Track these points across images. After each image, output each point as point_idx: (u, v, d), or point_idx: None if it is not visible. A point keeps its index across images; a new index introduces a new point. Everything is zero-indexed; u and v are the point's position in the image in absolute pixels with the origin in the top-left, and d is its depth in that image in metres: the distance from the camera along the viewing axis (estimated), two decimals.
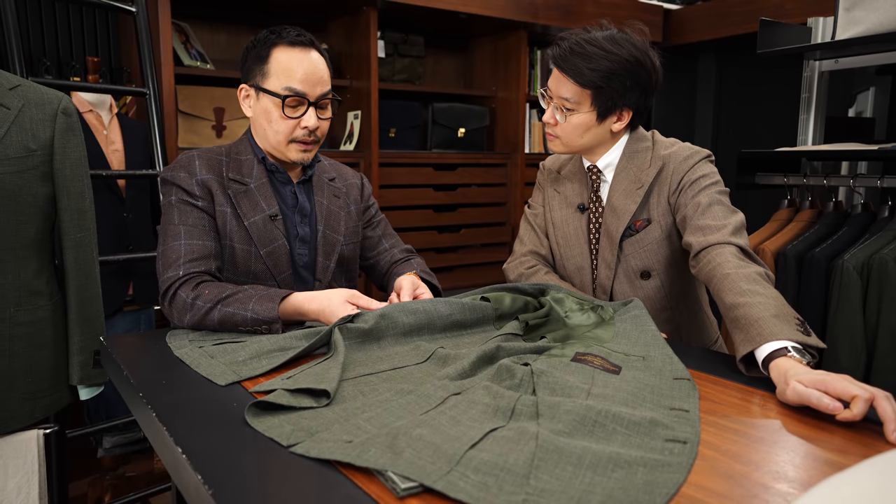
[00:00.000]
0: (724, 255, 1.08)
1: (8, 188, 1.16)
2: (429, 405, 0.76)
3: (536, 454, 0.62)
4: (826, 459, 0.67)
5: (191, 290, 1.12)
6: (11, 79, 1.21)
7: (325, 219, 1.31)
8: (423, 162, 2.72)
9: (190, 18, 2.44)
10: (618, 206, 1.29)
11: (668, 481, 0.60)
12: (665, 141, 1.33)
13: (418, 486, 0.59)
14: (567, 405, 0.73)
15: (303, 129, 1.20)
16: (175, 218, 1.19)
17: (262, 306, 1.08)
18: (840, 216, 1.90)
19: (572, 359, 0.93)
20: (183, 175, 1.20)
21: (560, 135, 1.28)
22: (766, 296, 0.97)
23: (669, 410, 0.77)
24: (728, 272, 1.04)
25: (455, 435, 0.66)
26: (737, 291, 0.99)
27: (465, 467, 0.60)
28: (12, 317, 1.20)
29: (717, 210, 1.17)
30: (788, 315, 0.93)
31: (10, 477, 1.15)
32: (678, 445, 0.68)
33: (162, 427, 0.73)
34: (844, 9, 1.78)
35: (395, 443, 0.65)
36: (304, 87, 1.18)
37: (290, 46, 1.19)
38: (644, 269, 1.29)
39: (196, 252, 1.16)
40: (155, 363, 0.98)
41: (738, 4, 2.92)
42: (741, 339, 0.93)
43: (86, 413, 1.96)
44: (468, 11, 2.57)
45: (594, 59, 1.19)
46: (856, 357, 1.62)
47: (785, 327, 0.89)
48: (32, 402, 1.25)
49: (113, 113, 1.99)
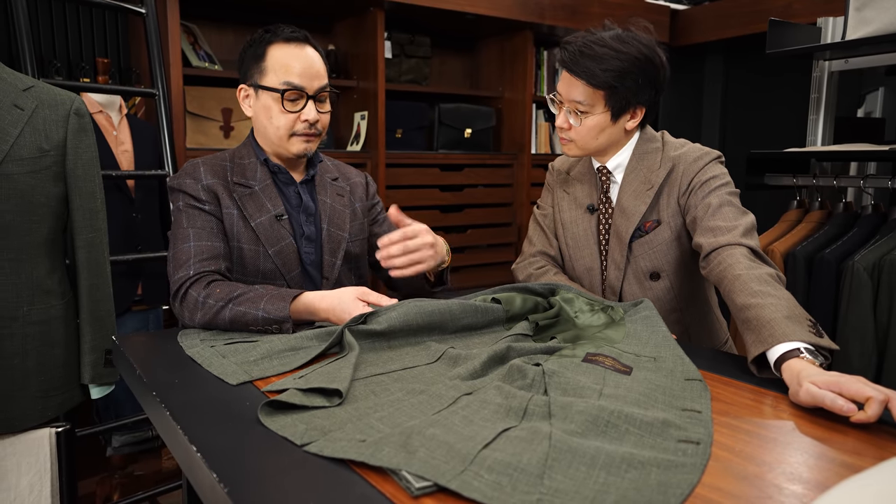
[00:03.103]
0: (735, 256, 1.08)
1: (21, 188, 1.16)
2: (441, 405, 0.76)
3: (550, 454, 0.62)
4: (841, 461, 0.67)
5: (202, 289, 1.13)
6: (25, 80, 1.21)
7: (330, 217, 1.32)
8: (429, 162, 2.72)
9: (198, 20, 2.45)
10: (627, 207, 1.29)
11: (682, 482, 0.60)
12: (675, 142, 1.33)
13: (432, 486, 0.59)
14: (579, 405, 0.73)
15: (303, 122, 1.23)
16: (184, 222, 1.21)
17: (274, 305, 1.08)
18: (850, 217, 1.89)
19: (583, 359, 0.93)
20: (189, 181, 1.23)
21: (575, 138, 1.27)
22: (778, 297, 0.96)
23: (682, 411, 0.77)
24: (739, 273, 1.03)
25: (468, 434, 0.66)
26: (748, 292, 0.99)
27: (479, 467, 0.60)
28: (25, 316, 1.21)
29: (728, 211, 1.17)
30: (801, 316, 0.92)
31: (22, 474, 1.16)
32: (691, 446, 0.68)
33: (176, 426, 0.74)
34: (855, 8, 1.77)
35: (408, 442, 0.65)
36: (301, 80, 1.21)
37: (285, 43, 1.22)
38: (653, 270, 1.29)
39: (206, 252, 1.18)
40: (167, 362, 0.98)
41: (745, 4, 2.91)
42: (753, 340, 0.93)
43: (95, 412, 1.98)
44: (475, 12, 2.58)
45: (605, 59, 1.19)
46: (867, 358, 1.61)
47: (797, 328, 0.89)
48: (45, 400, 1.26)
49: (123, 114, 2.00)
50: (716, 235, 1.14)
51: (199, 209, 1.22)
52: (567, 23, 2.82)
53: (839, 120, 2.17)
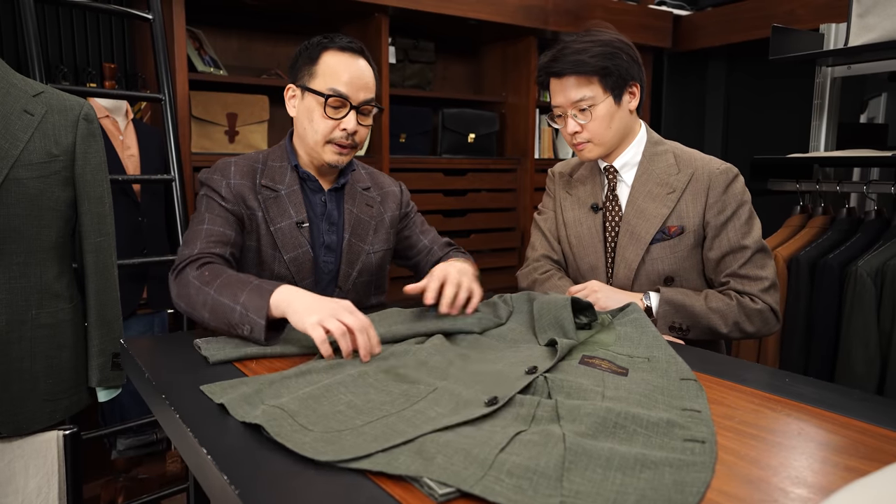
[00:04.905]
0: (746, 299, 1.26)
1: (30, 193, 1.17)
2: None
3: (566, 457, 0.63)
4: (845, 465, 0.67)
5: (195, 269, 1.13)
6: (35, 86, 1.23)
7: (353, 227, 1.32)
8: (432, 167, 2.73)
9: (203, 25, 2.47)
10: (646, 209, 1.30)
11: (697, 480, 0.61)
12: (683, 147, 1.36)
13: (455, 492, 0.59)
14: (587, 408, 0.74)
15: (342, 130, 1.23)
16: (202, 207, 1.25)
17: (253, 302, 1.01)
18: (853, 222, 1.90)
19: (579, 361, 0.95)
20: (216, 177, 1.26)
21: (590, 137, 1.29)
22: (714, 306, 1.25)
23: (682, 411, 0.78)
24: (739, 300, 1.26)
25: (482, 439, 0.67)
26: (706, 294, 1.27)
27: (499, 471, 0.61)
28: (34, 319, 1.22)
29: (758, 259, 1.28)
30: (688, 316, 1.24)
31: (30, 477, 1.17)
32: (698, 445, 0.69)
33: (186, 428, 0.74)
34: (857, 15, 1.78)
35: (423, 449, 0.66)
36: (348, 89, 1.22)
37: (339, 51, 1.23)
38: (669, 275, 1.30)
39: (214, 236, 1.20)
40: (175, 365, 0.99)
41: (747, 10, 2.92)
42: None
43: (100, 415, 1.98)
44: (478, 17, 2.59)
45: (586, 49, 1.24)
46: (870, 364, 1.61)
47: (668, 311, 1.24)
48: (53, 403, 1.27)
49: (129, 119, 2.02)
50: (744, 285, 1.27)
51: (219, 203, 1.25)
52: (570, 28, 2.83)
53: (842, 125, 2.17)
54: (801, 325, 1.80)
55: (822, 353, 1.75)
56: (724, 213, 1.27)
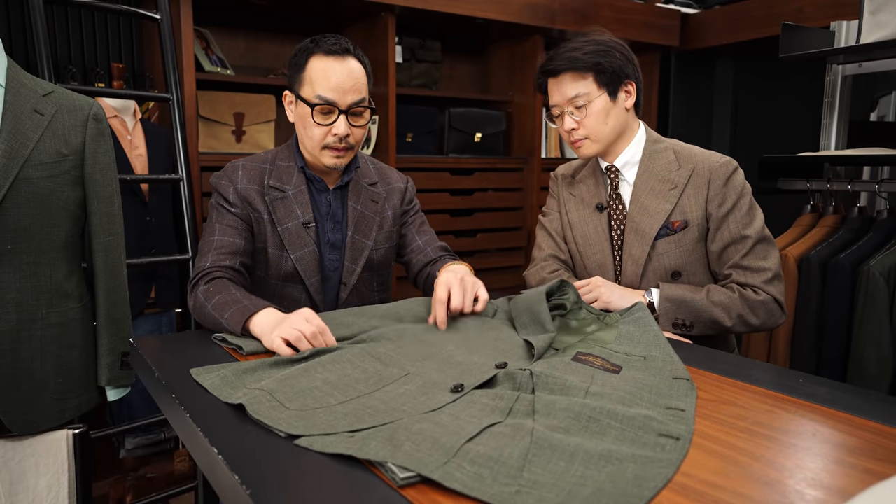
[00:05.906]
0: (749, 291, 1.25)
1: (40, 192, 1.18)
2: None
3: (531, 449, 0.64)
4: (863, 468, 0.67)
5: (204, 284, 1.20)
6: (45, 85, 1.23)
7: (356, 224, 1.34)
8: (439, 167, 2.73)
9: (210, 25, 2.47)
10: (649, 205, 1.31)
11: (658, 475, 0.62)
12: (682, 143, 1.36)
13: (416, 477, 0.61)
14: (563, 403, 0.75)
15: (333, 136, 1.24)
16: (214, 217, 1.29)
17: (234, 320, 1.09)
18: (865, 221, 1.88)
19: (573, 358, 0.95)
20: (224, 183, 1.30)
21: (587, 133, 1.30)
22: (716, 299, 1.25)
23: (665, 409, 0.78)
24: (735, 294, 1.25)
25: (453, 429, 0.69)
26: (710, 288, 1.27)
27: (462, 459, 0.62)
28: (44, 318, 1.23)
29: (760, 250, 1.26)
30: (690, 312, 1.24)
31: (41, 475, 1.17)
32: (671, 441, 0.69)
33: (196, 428, 0.74)
34: (869, 12, 1.77)
35: (394, 436, 0.67)
36: (334, 95, 1.22)
37: (325, 55, 1.23)
38: (676, 269, 1.30)
39: (225, 247, 1.25)
40: (184, 364, 0.99)
41: (755, 8, 2.90)
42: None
43: (109, 414, 1.99)
44: (485, 17, 2.58)
45: (580, 46, 1.26)
46: (884, 365, 1.60)
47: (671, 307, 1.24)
48: (62, 402, 1.27)
49: (137, 118, 2.02)
50: (746, 277, 1.26)
51: (227, 210, 1.28)
52: (577, 27, 2.82)
53: (853, 124, 2.15)
54: (813, 325, 1.79)
55: (834, 354, 1.74)
56: (725, 205, 1.27)
